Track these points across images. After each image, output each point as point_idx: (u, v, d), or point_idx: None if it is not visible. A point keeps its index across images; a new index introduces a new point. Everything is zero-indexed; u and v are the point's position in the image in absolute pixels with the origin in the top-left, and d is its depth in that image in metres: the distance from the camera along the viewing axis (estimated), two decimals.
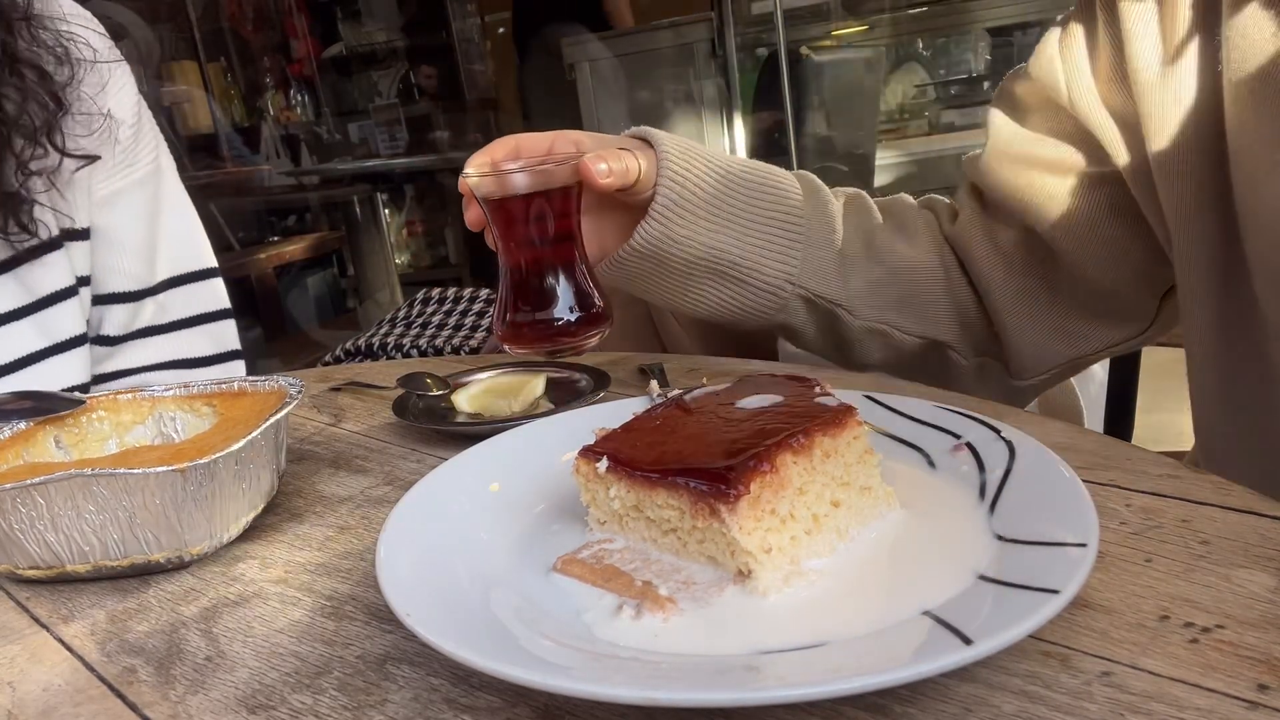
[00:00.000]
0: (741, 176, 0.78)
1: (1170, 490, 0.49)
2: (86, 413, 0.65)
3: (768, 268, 0.79)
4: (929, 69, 3.68)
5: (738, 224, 0.78)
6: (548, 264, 0.72)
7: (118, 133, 0.93)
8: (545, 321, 0.72)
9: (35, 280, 0.89)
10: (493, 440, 0.59)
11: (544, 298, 0.72)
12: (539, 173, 0.69)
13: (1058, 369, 0.84)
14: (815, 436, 0.44)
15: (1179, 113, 0.66)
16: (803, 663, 0.36)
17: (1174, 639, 0.37)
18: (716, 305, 0.81)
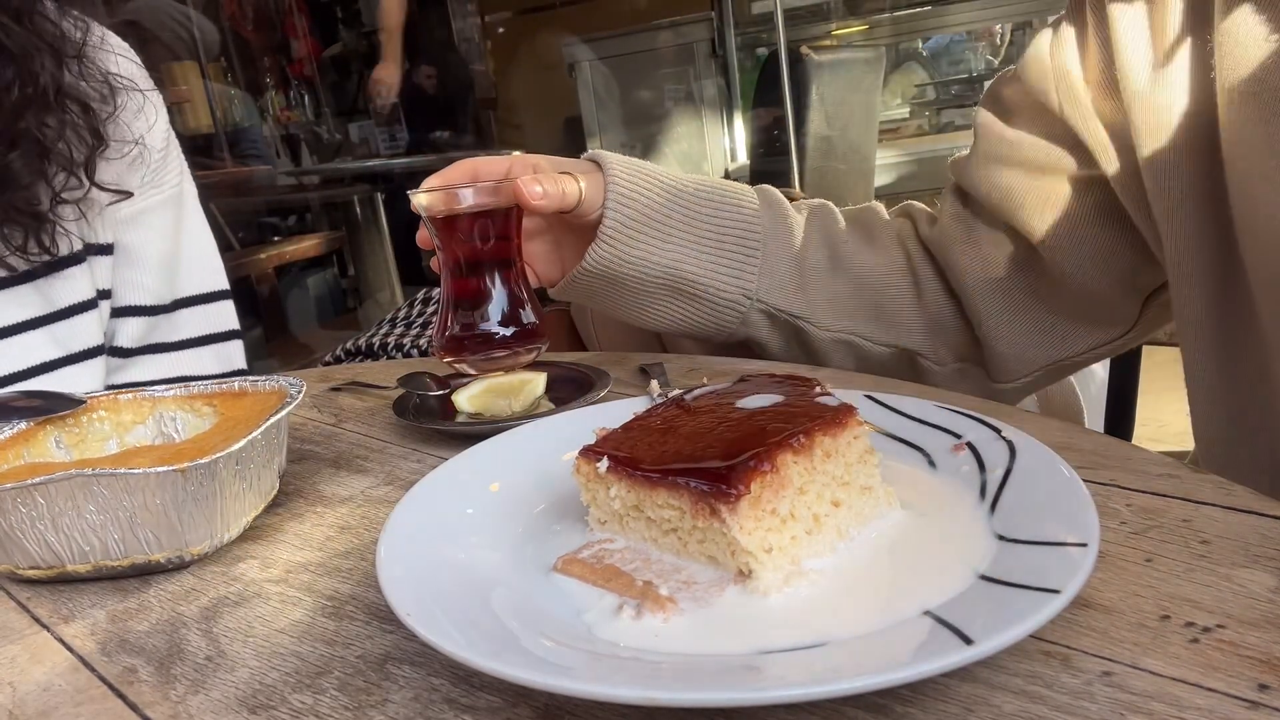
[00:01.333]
0: (694, 193, 0.79)
1: (1171, 490, 0.49)
2: (87, 413, 0.65)
3: (724, 283, 0.79)
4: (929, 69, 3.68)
5: (690, 241, 0.78)
6: (486, 282, 0.75)
7: (147, 157, 0.96)
8: (482, 336, 0.75)
9: (55, 292, 0.91)
10: (493, 440, 0.59)
11: (481, 314, 0.75)
12: (479, 192, 0.73)
13: (1039, 372, 0.83)
14: (816, 436, 0.44)
15: (1170, 119, 0.66)
16: (803, 662, 0.36)
17: (1174, 639, 0.37)
18: (677, 321, 0.82)
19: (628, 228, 0.76)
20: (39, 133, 0.84)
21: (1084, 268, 0.76)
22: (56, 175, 0.86)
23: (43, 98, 0.84)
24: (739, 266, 0.79)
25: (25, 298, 0.89)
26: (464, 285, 0.75)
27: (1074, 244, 0.76)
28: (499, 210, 0.74)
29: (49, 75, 0.84)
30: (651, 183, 0.77)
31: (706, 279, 0.79)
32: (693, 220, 0.78)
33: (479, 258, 0.75)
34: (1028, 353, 0.82)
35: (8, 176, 0.83)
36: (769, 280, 0.80)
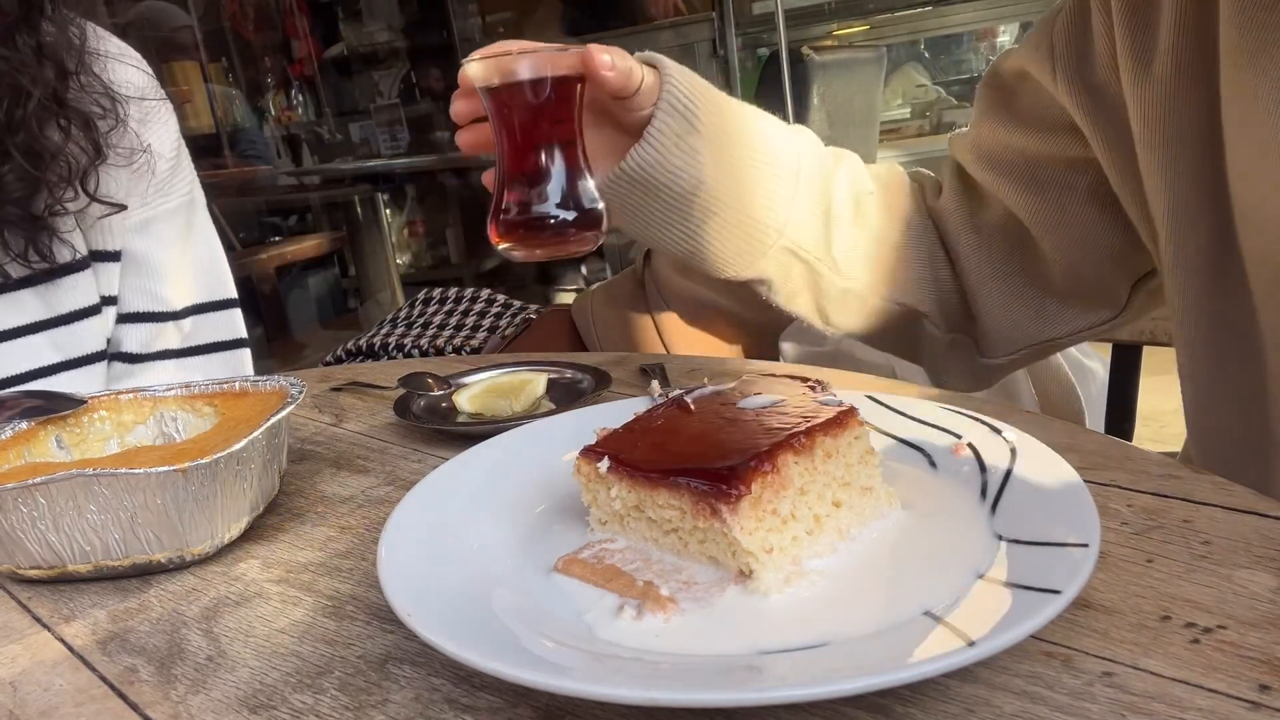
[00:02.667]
0: (742, 117, 0.76)
1: (1171, 490, 0.49)
2: (88, 412, 0.65)
3: (758, 212, 0.76)
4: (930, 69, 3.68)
5: (733, 163, 0.75)
6: (545, 160, 0.68)
7: (155, 165, 0.96)
8: (541, 219, 0.68)
9: (57, 298, 0.91)
10: (494, 440, 0.59)
11: (539, 194, 0.68)
12: (542, 58, 0.66)
13: (1028, 350, 0.84)
14: (817, 437, 0.44)
15: (1171, 104, 0.66)
16: (804, 663, 0.36)
17: (1175, 639, 0.37)
18: (699, 245, 0.78)
19: (675, 133, 0.73)
20: (36, 145, 0.84)
21: (1073, 249, 0.77)
22: (54, 187, 0.86)
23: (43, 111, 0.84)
24: (774, 197, 0.77)
25: (26, 303, 0.90)
26: (521, 163, 0.68)
27: (1064, 225, 0.76)
28: (562, 81, 0.67)
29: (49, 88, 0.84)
30: (704, 94, 0.74)
31: (741, 204, 0.76)
32: (738, 141, 0.76)
33: (538, 134, 0.68)
34: (1017, 330, 0.82)
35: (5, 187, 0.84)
36: (800, 217, 0.78)
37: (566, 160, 0.68)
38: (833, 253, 0.80)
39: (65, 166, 0.86)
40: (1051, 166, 0.77)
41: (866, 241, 0.81)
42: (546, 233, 0.68)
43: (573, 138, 0.69)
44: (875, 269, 0.82)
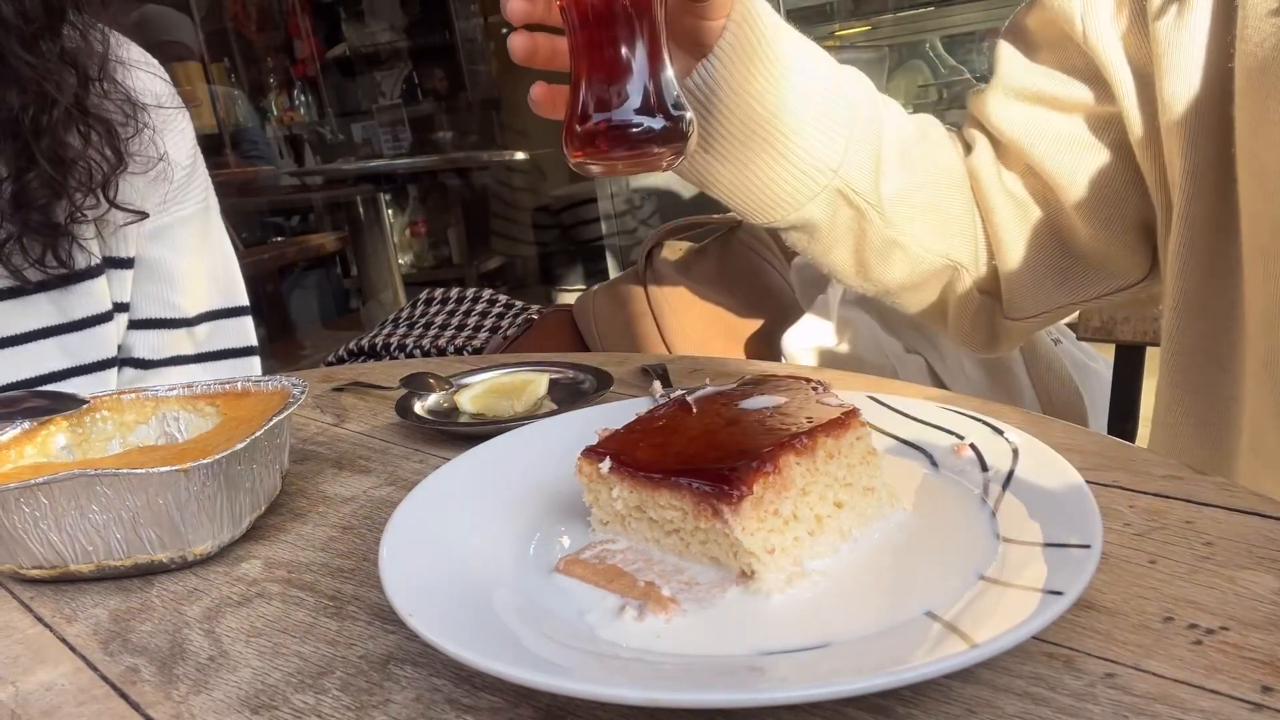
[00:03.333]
0: (801, 43, 0.73)
1: (1174, 491, 0.49)
2: (91, 412, 0.65)
3: (815, 148, 0.72)
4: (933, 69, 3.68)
5: (793, 92, 0.71)
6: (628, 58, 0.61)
7: (171, 173, 0.97)
8: (623, 126, 0.61)
9: (70, 304, 0.92)
10: (496, 440, 0.59)
11: (623, 98, 0.61)
12: None
13: (1051, 312, 0.83)
14: (818, 437, 0.44)
15: (1193, 60, 0.66)
16: (805, 663, 0.36)
17: (1178, 641, 0.37)
18: (748, 180, 0.74)
19: (745, 51, 0.68)
20: (59, 152, 0.85)
21: (1098, 208, 0.76)
22: (75, 193, 0.87)
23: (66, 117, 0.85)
24: (831, 134, 0.73)
25: (39, 308, 0.90)
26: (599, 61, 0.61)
27: (1088, 183, 0.76)
28: None
29: (72, 94, 0.85)
30: (774, 16, 0.70)
31: (800, 137, 0.72)
32: (799, 70, 0.71)
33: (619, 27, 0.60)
34: (1043, 290, 0.81)
35: (27, 194, 0.84)
36: (854, 158, 0.74)
37: (651, 59, 0.61)
38: (881, 197, 0.77)
39: (87, 173, 0.87)
40: (1076, 121, 0.76)
41: (913, 189, 0.78)
42: (629, 142, 0.61)
43: (658, 35, 0.61)
44: (921, 218, 0.79)
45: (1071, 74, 0.75)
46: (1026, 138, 0.77)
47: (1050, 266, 0.81)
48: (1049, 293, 0.82)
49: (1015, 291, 0.82)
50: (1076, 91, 0.75)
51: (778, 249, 1.62)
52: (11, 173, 0.84)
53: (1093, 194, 0.76)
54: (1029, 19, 0.79)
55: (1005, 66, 0.80)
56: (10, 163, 0.84)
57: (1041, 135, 0.77)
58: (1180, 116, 0.67)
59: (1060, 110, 0.76)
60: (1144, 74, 0.70)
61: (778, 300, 1.56)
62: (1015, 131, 0.78)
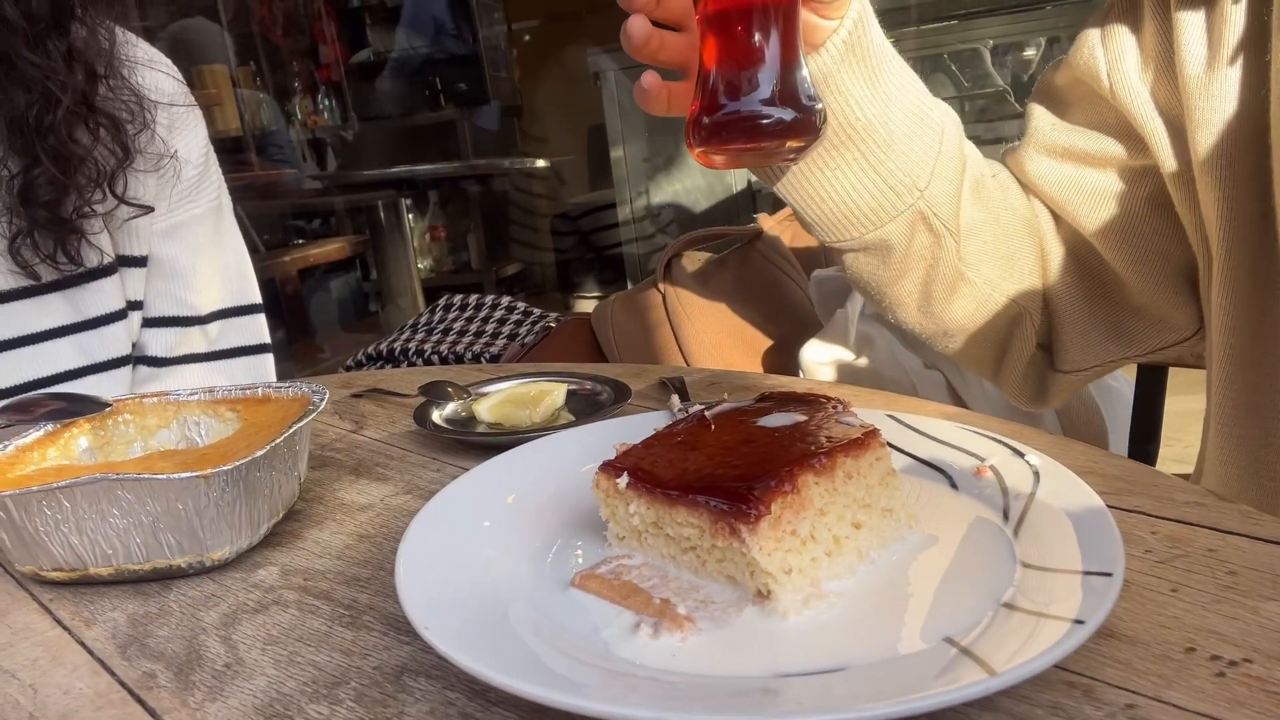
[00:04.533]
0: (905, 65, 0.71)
1: (1197, 518, 0.48)
2: (113, 415, 0.66)
3: (907, 165, 0.71)
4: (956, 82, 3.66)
5: (897, 107, 0.70)
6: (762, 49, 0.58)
7: (182, 171, 0.98)
8: (752, 117, 0.58)
9: (84, 302, 0.93)
10: (513, 452, 0.59)
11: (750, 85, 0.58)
12: None
13: (1104, 365, 0.82)
14: (838, 457, 0.44)
15: (1226, 107, 0.66)
16: (821, 687, 0.36)
17: (1200, 672, 0.36)
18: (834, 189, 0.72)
19: (855, 54, 0.67)
20: (66, 148, 0.85)
21: (1139, 262, 0.76)
22: (83, 189, 0.88)
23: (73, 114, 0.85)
24: (923, 155, 0.72)
25: (53, 306, 0.91)
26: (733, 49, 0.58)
27: (1127, 237, 0.75)
28: None
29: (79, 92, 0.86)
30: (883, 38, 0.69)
31: (895, 151, 0.70)
32: (904, 86, 0.71)
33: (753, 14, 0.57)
34: (1096, 345, 0.81)
35: (34, 189, 0.85)
36: (939, 182, 0.73)
37: (786, 48, 0.58)
38: (960, 225, 0.76)
39: (94, 169, 0.88)
40: (1111, 175, 0.76)
41: (984, 224, 0.77)
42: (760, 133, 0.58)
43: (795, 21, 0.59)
44: (990, 255, 0.78)
45: (1103, 129, 0.75)
46: (1063, 194, 0.77)
47: (1102, 319, 0.80)
48: (1101, 345, 0.81)
49: (1069, 343, 0.81)
50: (1109, 146, 0.75)
51: (797, 262, 1.62)
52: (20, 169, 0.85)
53: (1134, 247, 0.76)
54: (1057, 78, 0.79)
55: (1036, 125, 0.79)
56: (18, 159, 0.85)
57: (1078, 191, 0.77)
58: (1214, 168, 0.67)
59: (1094, 166, 0.76)
60: (1176, 125, 0.70)
61: (796, 313, 1.56)
62: (1051, 189, 0.78)
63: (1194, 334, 0.80)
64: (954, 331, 0.80)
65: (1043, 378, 0.84)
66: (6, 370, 0.90)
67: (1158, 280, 0.77)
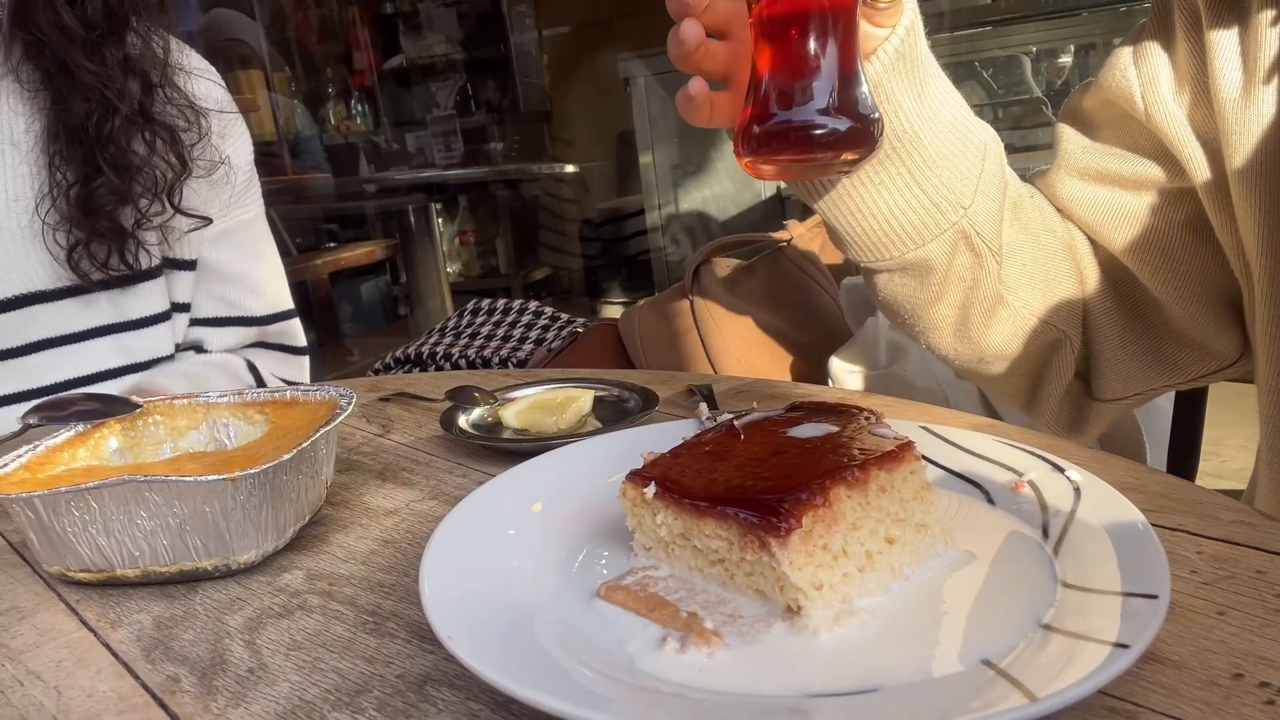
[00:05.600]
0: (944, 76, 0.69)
1: (1244, 538, 0.47)
2: (143, 417, 0.66)
3: (952, 182, 0.68)
4: (988, 89, 3.63)
5: (943, 122, 0.67)
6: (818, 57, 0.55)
7: (234, 178, 1.00)
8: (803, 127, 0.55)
9: (128, 303, 0.95)
10: (539, 459, 0.58)
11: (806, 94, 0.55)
12: None
13: (1145, 393, 0.80)
14: (871, 470, 0.43)
15: (1260, 134, 0.64)
16: (853, 709, 0.35)
17: (1248, 700, 0.35)
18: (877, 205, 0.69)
19: (905, 66, 0.64)
20: (124, 158, 0.87)
21: (1179, 286, 0.74)
22: (141, 199, 0.89)
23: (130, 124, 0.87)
24: (967, 173, 0.69)
25: (99, 307, 0.93)
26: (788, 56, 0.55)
27: (1164, 260, 0.73)
28: None
29: (136, 101, 0.87)
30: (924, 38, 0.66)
31: (940, 167, 0.68)
32: (949, 103, 0.68)
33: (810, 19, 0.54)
34: (1137, 373, 0.78)
35: (94, 200, 0.86)
36: (983, 201, 0.71)
37: (843, 56, 0.55)
38: (1002, 245, 0.73)
39: (152, 179, 0.89)
40: (1144, 199, 0.73)
41: (1023, 246, 0.75)
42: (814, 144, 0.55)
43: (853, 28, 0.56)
44: (1029, 278, 0.75)
45: (1137, 151, 0.73)
46: (1097, 217, 0.75)
47: (1142, 346, 0.77)
48: (1141, 373, 0.78)
49: (1107, 371, 0.79)
50: (1144, 169, 0.73)
51: (827, 269, 1.60)
52: (79, 179, 0.86)
53: (1173, 271, 0.73)
54: (1086, 100, 0.77)
55: (1067, 148, 0.77)
56: (78, 169, 0.87)
57: (1112, 214, 0.74)
58: (1252, 191, 0.65)
59: (1128, 189, 0.74)
60: (1213, 147, 0.68)
61: (825, 321, 1.54)
62: (1084, 212, 0.76)
63: (1237, 359, 0.78)
64: (990, 358, 0.78)
65: (1079, 407, 0.82)
66: (46, 368, 0.91)
67: (1198, 305, 0.74)
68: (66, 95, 0.85)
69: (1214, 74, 0.66)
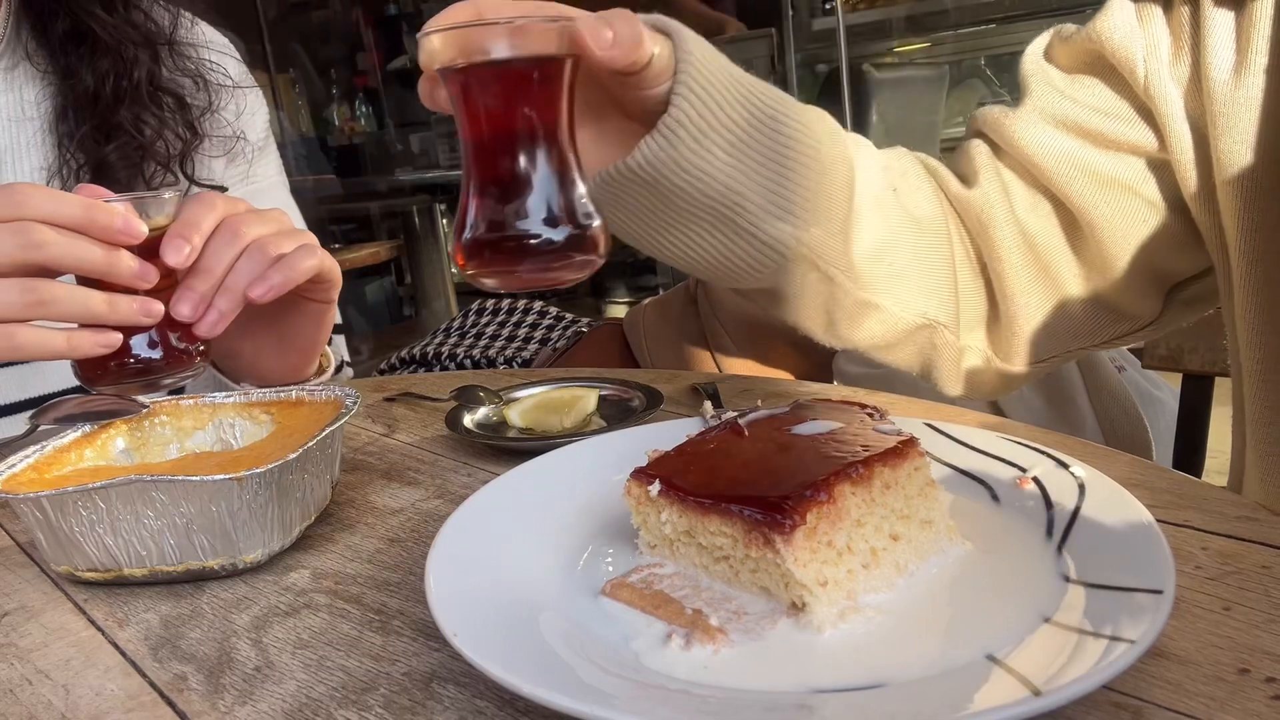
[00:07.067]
0: (764, 106, 0.64)
1: (1249, 534, 0.47)
2: (150, 417, 0.66)
3: (777, 219, 0.66)
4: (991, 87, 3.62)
5: (754, 162, 0.64)
6: (527, 161, 0.53)
7: (248, 151, 0.99)
8: (517, 239, 0.53)
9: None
10: (544, 457, 0.58)
11: (518, 209, 0.53)
12: (519, 31, 0.51)
13: (1054, 359, 0.79)
14: (875, 467, 0.43)
15: (1248, 114, 0.64)
16: (858, 704, 0.35)
17: (1255, 694, 0.35)
18: (705, 256, 0.68)
19: (696, 126, 0.61)
20: (135, 127, 0.87)
21: (1127, 253, 0.73)
22: (153, 170, 0.89)
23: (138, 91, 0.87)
24: (796, 204, 0.66)
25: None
26: (493, 166, 0.54)
27: (1125, 226, 0.72)
28: (542, 59, 0.52)
29: (145, 68, 0.87)
30: (727, 76, 0.62)
31: (760, 210, 0.65)
32: (761, 136, 0.64)
33: (516, 127, 0.53)
34: (1051, 337, 0.77)
35: (105, 170, 0.86)
36: (820, 222, 0.68)
37: (553, 162, 0.54)
38: (853, 259, 0.72)
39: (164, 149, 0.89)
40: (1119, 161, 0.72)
41: (886, 245, 0.73)
42: (527, 257, 0.54)
43: (561, 134, 0.54)
44: (896, 276, 0.74)
45: (1120, 113, 0.72)
46: (1063, 169, 0.73)
47: (1061, 311, 0.76)
48: (1058, 338, 0.77)
49: (1019, 338, 0.77)
50: (1127, 132, 0.71)
51: None
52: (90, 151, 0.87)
53: (1127, 238, 0.72)
54: (1074, 45, 0.73)
55: (1041, 89, 0.74)
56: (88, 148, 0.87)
57: (1081, 170, 0.72)
58: (1236, 177, 0.64)
59: (1104, 148, 0.72)
60: (1200, 129, 0.67)
61: None
62: (1051, 161, 0.73)
63: (1149, 324, 0.78)
64: (864, 350, 0.77)
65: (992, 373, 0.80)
66: (61, 374, 0.91)
67: (1140, 272, 0.73)
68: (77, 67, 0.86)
69: (1205, 50, 0.65)
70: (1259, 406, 0.68)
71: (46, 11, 0.86)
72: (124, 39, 0.86)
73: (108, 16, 0.85)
